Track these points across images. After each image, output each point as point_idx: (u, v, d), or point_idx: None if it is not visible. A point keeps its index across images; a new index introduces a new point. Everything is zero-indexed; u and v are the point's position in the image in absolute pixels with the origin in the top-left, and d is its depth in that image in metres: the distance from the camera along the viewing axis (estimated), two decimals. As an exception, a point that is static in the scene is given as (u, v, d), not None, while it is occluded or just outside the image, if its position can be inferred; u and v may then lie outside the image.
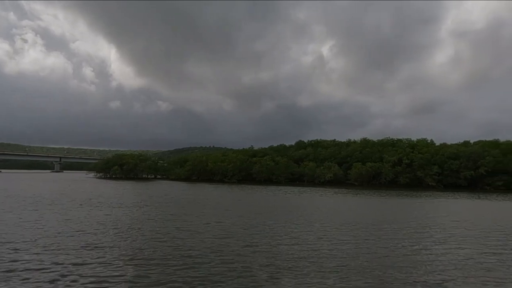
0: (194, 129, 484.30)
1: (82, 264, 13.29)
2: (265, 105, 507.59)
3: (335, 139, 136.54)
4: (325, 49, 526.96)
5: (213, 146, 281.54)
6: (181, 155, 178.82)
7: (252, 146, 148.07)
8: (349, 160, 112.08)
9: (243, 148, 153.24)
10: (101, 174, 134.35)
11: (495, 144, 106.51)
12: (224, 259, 14.52)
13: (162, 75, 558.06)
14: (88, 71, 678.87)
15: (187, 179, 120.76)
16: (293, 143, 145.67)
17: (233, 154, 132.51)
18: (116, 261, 13.88)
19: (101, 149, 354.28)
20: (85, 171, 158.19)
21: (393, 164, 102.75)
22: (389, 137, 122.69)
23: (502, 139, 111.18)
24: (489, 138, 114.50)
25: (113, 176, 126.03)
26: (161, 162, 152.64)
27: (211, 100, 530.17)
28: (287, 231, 21.98)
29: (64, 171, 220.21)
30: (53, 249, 15.40)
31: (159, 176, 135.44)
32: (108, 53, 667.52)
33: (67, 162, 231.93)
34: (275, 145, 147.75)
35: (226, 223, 24.51)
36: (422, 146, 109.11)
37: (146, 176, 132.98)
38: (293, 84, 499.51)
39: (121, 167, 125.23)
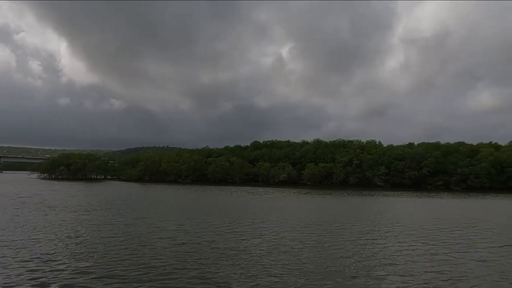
0: (148, 128, 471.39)
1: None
2: (223, 106, 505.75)
3: (289, 140, 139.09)
4: (285, 51, 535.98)
5: (167, 146, 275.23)
6: (133, 155, 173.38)
7: (207, 146, 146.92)
8: (303, 160, 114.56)
9: (198, 149, 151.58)
10: (45, 174, 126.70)
11: (436, 146, 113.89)
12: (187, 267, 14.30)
13: (116, 72, 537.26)
14: (34, 65, 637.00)
15: (139, 179, 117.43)
16: (249, 144, 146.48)
17: (188, 154, 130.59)
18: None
19: (46, 148, 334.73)
20: (28, 172, 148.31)
21: (344, 164, 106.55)
22: (340, 138, 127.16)
23: (443, 141, 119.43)
24: (432, 140, 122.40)
25: (59, 177, 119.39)
26: (112, 162, 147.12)
27: (167, 99, 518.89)
28: (241, 231, 22.18)
29: (4, 171, 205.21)
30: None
31: (110, 177, 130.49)
32: (58, 46, 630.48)
33: (8, 162, 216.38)
34: (231, 145, 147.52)
35: (184, 226, 24.21)
36: (371, 148, 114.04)
37: (95, 177, 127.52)
38: (252, 85, 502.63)
39: (68, 167, 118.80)
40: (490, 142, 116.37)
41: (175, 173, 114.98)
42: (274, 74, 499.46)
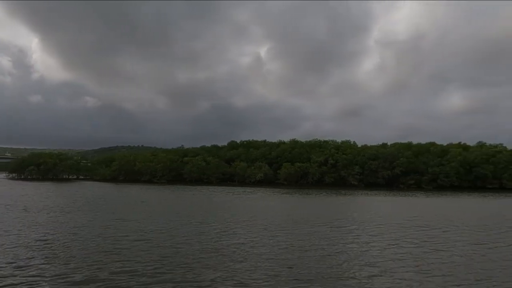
0: (123, 127, 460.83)
1: None
2: (200, 105, 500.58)
3: (266, 140, 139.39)
4: (263, 51, 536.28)
5: (142, 146, 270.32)
6: (107, 154, 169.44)
7: (182, 145, 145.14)
8: (279, 160, 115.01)
9: (174, 148, 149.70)
10: (14, 174, 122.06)
11: (408, 146, 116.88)
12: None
13: (91, 69, 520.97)
14: (4, 61, 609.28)
15: (113, 179, 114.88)
16: (226, 144, 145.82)
17: (163, 154, 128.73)
18: None
19: (15, 147, 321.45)
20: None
21: (320, 164, 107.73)
22: (316, 138, 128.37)
23: (415, 141, 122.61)
24: (405, 140, 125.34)
25: (29, 177, 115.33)
26: (85, 161, 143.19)
27: (143, 98, 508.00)
28: (221, 231, 22.01)
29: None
30: None
31: (82, 177, 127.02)
32: (29, 42, 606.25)
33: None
34: (208, 145, 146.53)
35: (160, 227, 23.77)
36: (346, 147, 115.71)
37: (67, 177, 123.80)
38: (229, 84, 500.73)
39: (38, 167, 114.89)
40: (459, 143, 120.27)
41: (150, 173, 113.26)
42: (252, 74, 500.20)
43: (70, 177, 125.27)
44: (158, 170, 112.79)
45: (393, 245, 19.14)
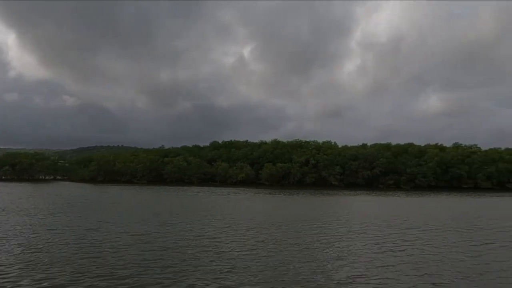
0: (102, 126, 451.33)
1: None
2: (182, 105, 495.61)
3: (247, 140, 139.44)
4: (247, 51, 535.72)
5: (122, 145, 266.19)
6: (86, 154, 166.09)
7: (163, 145, 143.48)
8: (261, 160, 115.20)
9: (155, 148, 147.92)
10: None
11: (388, 147, 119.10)
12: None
13: (70, 67, 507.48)
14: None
15: (92, 180, 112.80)
16: (208, 144, 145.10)
17: (144, 154, 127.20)
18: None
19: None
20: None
21: (301, 164, 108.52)
22: (298, 139, 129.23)
23: (393, 142, 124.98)
24: (384, 141, 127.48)
25: (3, 178, 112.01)
26: (62, 161, 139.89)
27: (124, 97, 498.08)
28: (200, 232, 21.94)
29: None
30: None
31: (60, 177, 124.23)
32: (5, 38, 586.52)
33: None
34: (189, 145, 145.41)
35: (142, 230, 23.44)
36: (327, 148, 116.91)
37: (43, 177, 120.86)
38: (212, 84, 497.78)
39: (13, 167, 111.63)
40: (436, 144, 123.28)
41: (130, 173, 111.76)
42: (235, 74, 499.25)
43: (47, 177, 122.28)
44: (138, 171, 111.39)
45: (375, 244, 19.49)
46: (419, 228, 25.46)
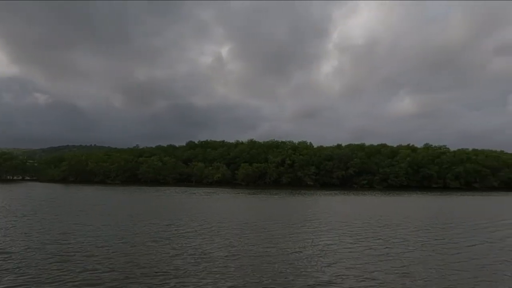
0: (75, 125, 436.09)
1: None
2: (158, 104, 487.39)
3: (224, 140, 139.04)
4: (224, 51, 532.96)
5: (95, 145, 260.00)
6: (56, 154, 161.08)
7: (137, 145, 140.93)
8: (237, 160, 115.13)
9: (129, 148, 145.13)
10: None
11: (362, 147, 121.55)
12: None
13: (42, 64, 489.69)
14: None
15: (63, 180, 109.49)
16: (184, 144, 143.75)
17: (117, 153, 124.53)
18: None
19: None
20: None
21: (277, 164, 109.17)
22: (274, 139, 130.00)
23: (367, 143, 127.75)
24: (358, 142, 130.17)
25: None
26: (31, 161, 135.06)
27: (98, 95, 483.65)
28: (174, 233, 21.72)
29: None
30: None
31: (28, 178, 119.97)
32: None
33: None
34: (165, 145, 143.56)
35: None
36: (303, 148, 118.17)
37: (11, 178, 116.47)
38: (189, 84, 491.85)
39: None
40: (408, 145, 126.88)
41: (104, 173, 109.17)
42: (213, 74, 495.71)
43: (15, 178, 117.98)
44: (112, 171, 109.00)
45: (355, 242, 19.86)
46: (396, 227, 26.11)
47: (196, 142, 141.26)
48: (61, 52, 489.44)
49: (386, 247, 18.78)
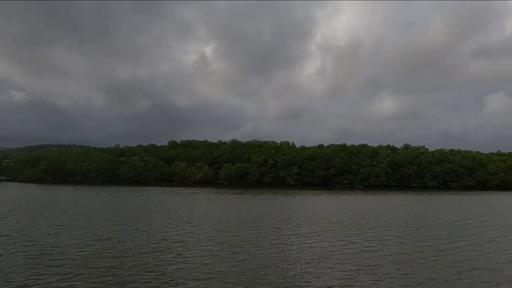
0: (53, 124, 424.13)
1: None
2: (140, 103, 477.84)
3: (206, 140, 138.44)
4: (208, 51, 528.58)
5: (74, 144, 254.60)
6: (34, 153, 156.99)
7: (118, 145, 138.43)
8: (220, 160, 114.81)
9: (110, 147, 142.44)
10: None
11: (343, 147, 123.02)
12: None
13: (19, 61, 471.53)
14: None
15: (41, 180, 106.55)
16: (166, 143, 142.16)
17: (97, 153, 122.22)
18: None
19: None
20: None
21: (260, 164, 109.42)
22: (257, 139, 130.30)
23: (349, 143, 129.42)
24: (340, 142, 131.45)
25: None
26: (7, 161, 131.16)
27: (78, 94, 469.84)
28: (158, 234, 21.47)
29: None
30: None
31: (4, 178, 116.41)
32: None
33: None
34: (146, 144, 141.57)
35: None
36: (285, 148, 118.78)
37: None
38: (172, 83, 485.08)
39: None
40: (388, 145, 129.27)
41: (83, 173, 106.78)
42: (196, 73, 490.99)
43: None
44: (92, 170, 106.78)
45: (340, 241, 20.16)
46: (381, 226, 26.61)
47: (178, 141, 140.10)
48: (40, 49, 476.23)
49: (370, 245, 19.13)
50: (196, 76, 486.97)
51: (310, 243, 19.16)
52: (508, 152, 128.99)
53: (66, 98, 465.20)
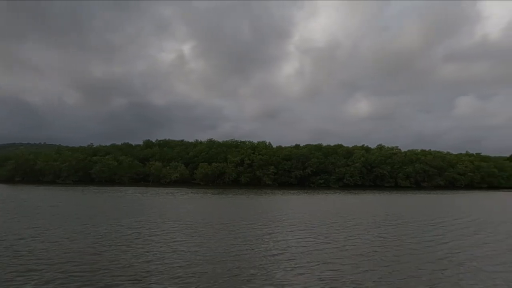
0: (23, 122, 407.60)
1: None
2: (115, 101, 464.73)
3: (183, 140, 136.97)
4: (187, 49, 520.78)
5: (45, 143, 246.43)
6: (2, 152, 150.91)
7: (91, 143, 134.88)
8: (196, 160, 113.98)
9: (82, 146, 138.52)
10: None
11: (319, 147, 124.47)
12: None
13: None
14: None
15: (9, 180, 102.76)
16: (141, 142, 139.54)
17: (69, 152, 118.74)
18: None
19: None
20: None
21: (236, 164, 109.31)
22: (234, 139, 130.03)
23: (325, 143, 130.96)
24: (316, 142, 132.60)
25: None
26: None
27: (50, 91, 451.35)
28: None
29: None
30: None
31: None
32: None
33: None
34: (120, 143, 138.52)
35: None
36: (262, 148, 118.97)
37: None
38: (149, 81, 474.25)
39: None
40: (363, 145, 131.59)
41: (54, 172, 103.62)
42: (174, 72, 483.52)
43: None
44: (63, 170, 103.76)
45: (317, 238, 20.38)
46: (362, 224, 27.17)
47: (153, 141, 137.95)
48: (9, 43, 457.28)
49: (354, 243, 19.46)
50: (174, 74, 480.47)
51: (292, 243, 19.32)
52: (476, 153, 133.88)
53: (37, 95, 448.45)
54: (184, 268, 13.83)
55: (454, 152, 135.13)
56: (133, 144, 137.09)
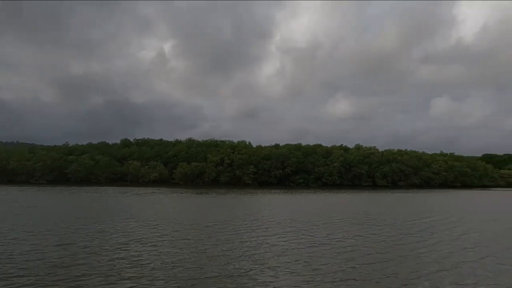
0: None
1: None
2: (93, 99, 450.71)
3: (162, 139, 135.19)
4: (167, 48, 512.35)
5: (17, 142, 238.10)
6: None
7: (67, 142, 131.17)
8: (175, 159, 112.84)
9: (58, 145, 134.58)
10: None
11: (298, 147, 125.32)
12: None
13: None
14: None
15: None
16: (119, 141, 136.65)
17: (44, 151, 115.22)
18: None
19: None
20: None
21: (216, 164, 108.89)
22: (213, 138, 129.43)
23: (304, 143, 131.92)
24: (296, 142, 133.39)
25: None
26: None
27: (24, 88, 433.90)
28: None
29: None
30: None
31: None
32: None
33: None
34: (96, 142, 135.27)
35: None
36: (242, 148, 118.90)
37: None
38: (128, 79, 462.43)
39: None
40: (341, 145, 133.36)
41: (27, 172, 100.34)
42: (154, 70, 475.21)
43: None
44: (37, 170, 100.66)
45: (299, 237, 20.50)
46: (340, 223, 27.50)
47: (131, 140, 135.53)
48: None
49: (338, 242, 19.70)
50: (154, 73, 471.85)
51: (275, 242, 19.40)
52: (450, 153, 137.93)
53: (9, 92, 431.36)
54: (165, 270, 13.66)
55: (429, 152, 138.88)
56: (111, 143, 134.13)
